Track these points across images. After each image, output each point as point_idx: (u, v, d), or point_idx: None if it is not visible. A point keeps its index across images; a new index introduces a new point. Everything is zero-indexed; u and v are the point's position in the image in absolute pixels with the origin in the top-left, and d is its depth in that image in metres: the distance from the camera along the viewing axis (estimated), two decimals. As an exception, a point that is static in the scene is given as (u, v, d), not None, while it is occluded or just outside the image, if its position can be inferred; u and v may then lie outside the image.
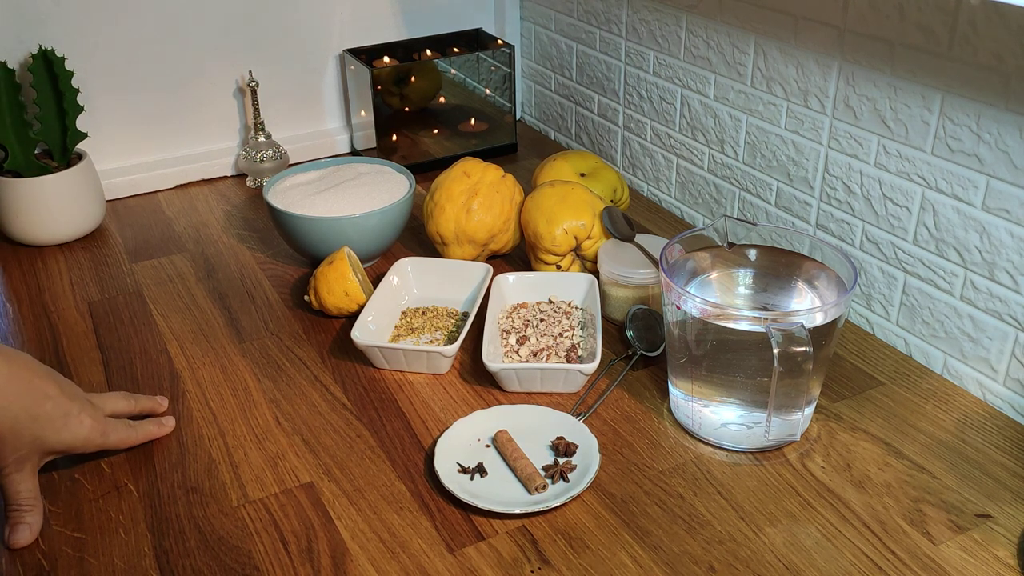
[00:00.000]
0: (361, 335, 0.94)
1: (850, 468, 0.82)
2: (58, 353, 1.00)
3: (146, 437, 0.85)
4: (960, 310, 0.91)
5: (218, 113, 1.39)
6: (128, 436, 0.83)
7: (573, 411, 0.89)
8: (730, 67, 1.11)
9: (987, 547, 0.74)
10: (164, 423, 0.87)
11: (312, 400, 0.92)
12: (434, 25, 1.49)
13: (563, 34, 1.42)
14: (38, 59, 1.17)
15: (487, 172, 1.10)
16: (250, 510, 0.79)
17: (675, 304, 0.81)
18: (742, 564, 0.73)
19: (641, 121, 1.30)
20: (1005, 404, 0.89)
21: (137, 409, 0.87)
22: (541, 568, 0.73)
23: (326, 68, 1.44)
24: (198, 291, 1.11)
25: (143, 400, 0.88)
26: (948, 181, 0.89)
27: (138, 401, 0.87)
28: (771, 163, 1.09)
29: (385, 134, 1.40)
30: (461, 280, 1.06)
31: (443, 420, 0.89)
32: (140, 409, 0.87)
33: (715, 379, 0.82)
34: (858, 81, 0.95)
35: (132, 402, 0.86)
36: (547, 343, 0.96)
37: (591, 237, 1.05)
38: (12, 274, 1.15)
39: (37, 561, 0.74)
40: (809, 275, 0.87)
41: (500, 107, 1.46)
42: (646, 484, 0.81)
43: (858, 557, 0.73)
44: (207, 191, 1.36)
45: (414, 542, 0.75)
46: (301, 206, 1.09)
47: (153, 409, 0.88)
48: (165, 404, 0.90)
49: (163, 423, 0.87)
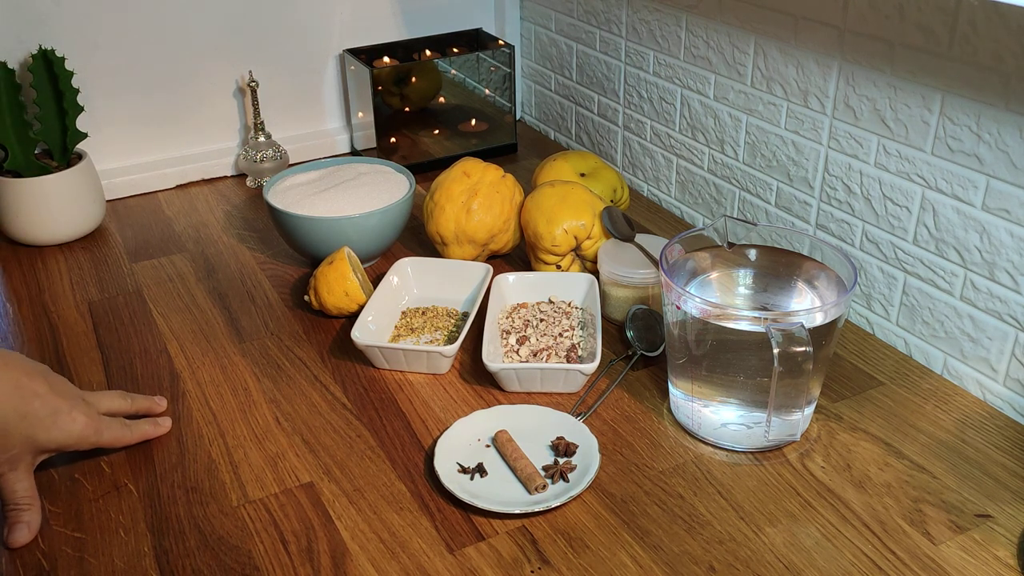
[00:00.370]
0: (361, 335, 0.94)
1: (850, 468, 0.82)
2: (58, 353, 1.00)
3: (142, 437, 0.85)
4: (960, 310, 0.91)
5: (218, 113, 1.39)
6: (123, 435, 0.83)
7: (573, 411, 0.89)
8: (730, 67, 1.11)
9: (987, 547, 0.74)
10: (160, 423, 0.87)
11: (312, 400, 0.92)
12: (434, 25, 1.49)
13: (563, 34, 1.42)
14: (38, 59, 1.17)
15: (487, 172, 1.10)
16: (250, 510, 0.79)
17: (675, 304, 0.81)
18: (742, 564, 0.73)
19: (641, 121, 1.30)
20: (1005, 404, 0.89)
21: (133, 408, 0.86)
22: (541, 568, 0.73)
23: (326, 68, 1.44)
24: (198, 291, 1.11)
25: (140, 399, 0.88)
26: (948, 181, 0.89)
27: (134, 400, 0.87)
28: (771, 163, 1.09)
29: (385, 134, 1.40)
30: (461, 280, 1.06)
31: (443, 420, 0.89)
32: (136, 408, 0.87)
33: (715, 379, 0.82)
34: (858, 81, 0.95)
35: (128, 401, 0.86)
36: (547, 343, 0.96)
37: (591, 237, 1.05)
38: (12, 274, 1.15)
39: (37, 561, 0.74)
40: (809, 275, 0.87)
41: (500, 107, 1.46)
42: (646, 484, 0.81)
43: (858, 557, 0.73)
44: (207, 191, 1.36)
45: (414, 542, 0.75)
46: (301, 206, 1.09)
47: (150, 409, 0.88)
48: (163, 404, 0.90)
49: (159, 423, 0.87)
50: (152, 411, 0.88)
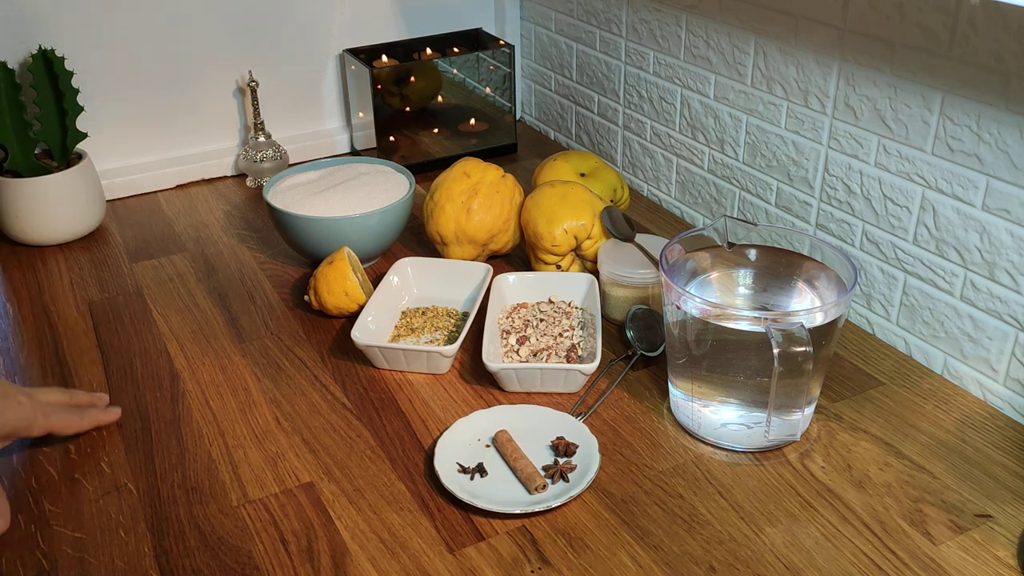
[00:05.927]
0: (361, 335, 0.94)
1: (850, 468, 0.82)
2: (58, 353, 1.00)
3: (92, 423, 0.86)
4: (960, 310, 0.91)
5: (218, 113, 1.39)
6: (72, 421, 0.85)
7: (573, 411, 0.89)
8: (730, 67, 1.11)
9: (987, 547, 0.74)
10: (110, 410, 0.88)
11: (312, 400, 0.92)
12: (434, 25, 1.49)
13: (563, 34, 1.42)
14: (38, 59, 1.17)
15: (487, 172, 1.10)
16: (250, 510, 0.79)
17: (675, 304, 0.81)
18: (742, 564, 0.73)
19: (641, 121, 1.30)
20: (1005, 404, 0.89)
21: (73, 402, 0.88)
22: (541, 568, 0.73)
23: (326, 68, 1.44)
24: (198, 291, 1.11)
25: (79, 394, 0.89)
26: (948, 181, 0.89)
27: (74, 395, 0.88)
28: (771, 163, 1.09)
29: (385, 134, 1.40)
30: (461, 280, 1.06)
31: (443, 420, 0.89)
32: (77, 402, 0.88)
33: (715, 379, 0.82)
34: (858, 81, 0.95)
35: (68, 396, 0.88)
36: (547, 343, 0.96)
37: (591, 237, 1.05)
38: (12, 274, 1.15)
39: (37, 561, 0.74)
40: (809, 275, 0.87)
41: (500, 107, 1.46)
42: (646, 484, 0.81)
43: (858, 557, 0.73)
44: (207, 191, 1.36)
45: (414, 542, 0.75)
46: (301, 206, 1.09)
47: (92, 404, 0.89)
48: (105, 400, 0.90)
49: (109, 410, 0.88)
50: (93, 406, 0.89)
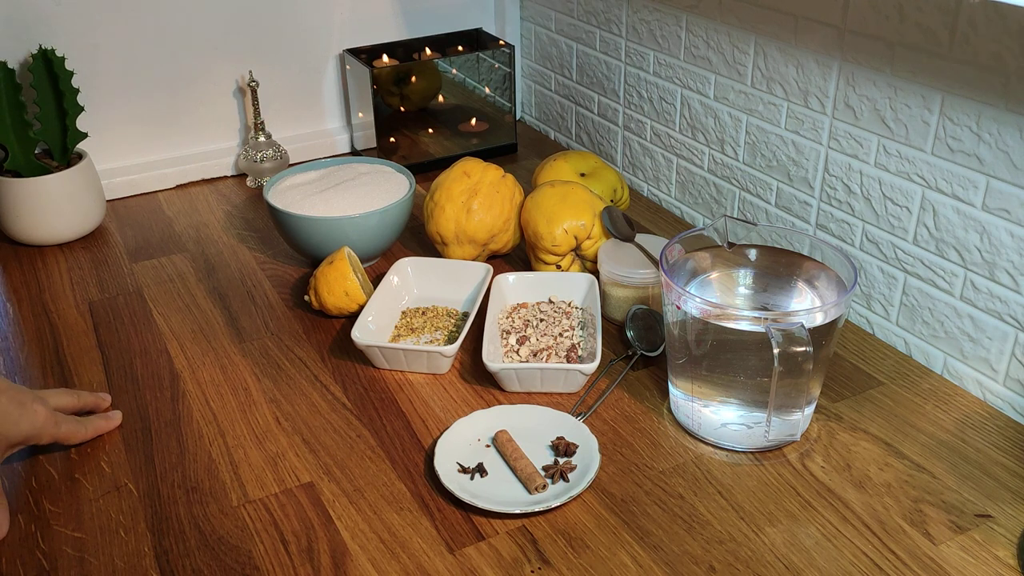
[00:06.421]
0: (361, 335, 0.94)
1: (850, 468, 0.82)
2: (58, 353, 1.00)
3: (95, 432, 0.87)
4: (960, 310, 0.91)
5: (218, 113, 1.39)
6: (77, 430, 0.85)
7: (573, 411, 0.89)
8: (730, 67, 1.11)
9: (987, 547, 0.74)
10: (111, 417, 0.88)
11: (312, 400, 0.92)
12: (434, 25, 1.49)
13: (563, 34, 1.42)
14: (38, 59, 1.17)
15: (487, 172, 1.10)
16: (250, 510, 0.79)
17: (675, 304, 0.81)
18: (742, 564, 0.73)
19: (641, 121, 1.30)
20: (1005, 404, 0.89)
21: (80, 404, 0.88)
22: (541, 568, 0.73)
23: (326, 68, 1.44)
24: (198, 291, 1.11)
25: (86, 396, 0.89)
26: (948, 181, 0.89)
27: (80, 397, 0.89)
28: (771, 163, 1.09)
29: (385, 134, 1.40)
30: (461, 280, 1.06)
31: (443, 420, 0.89)
32: (83, 404, 0.88)
33: (715, 379, 0.82)
34: (858, 81, 0.95)
35: (75, 398, 0.88)
36: (547, 343, 0.96)
37: (591, 237, 1.05)
38: (12, 274, 1.15)
39: (37, 561, 0.74)
40: (809, 275, 0.87)
41: (500, 107, 1.46)
42: (646, 484, 0.81)
43: (858, 557, 0.73)
44: (207, 191, 1.36)
45: (414, 542, 0.75)
46: (301, 206, 1.09)
47: (97, 405, 0.90)
48: (108, 400, 0.91)
49: (110, 417, 0.88)
50: (99, 407, 0.90)
